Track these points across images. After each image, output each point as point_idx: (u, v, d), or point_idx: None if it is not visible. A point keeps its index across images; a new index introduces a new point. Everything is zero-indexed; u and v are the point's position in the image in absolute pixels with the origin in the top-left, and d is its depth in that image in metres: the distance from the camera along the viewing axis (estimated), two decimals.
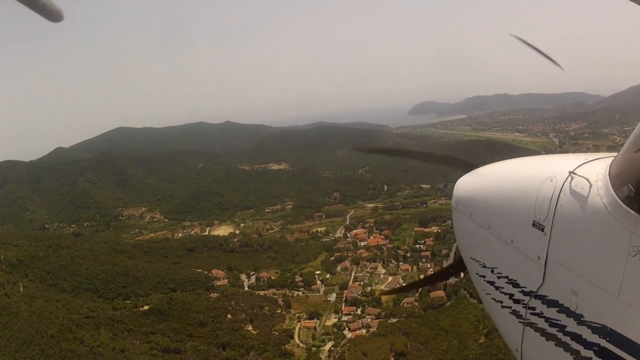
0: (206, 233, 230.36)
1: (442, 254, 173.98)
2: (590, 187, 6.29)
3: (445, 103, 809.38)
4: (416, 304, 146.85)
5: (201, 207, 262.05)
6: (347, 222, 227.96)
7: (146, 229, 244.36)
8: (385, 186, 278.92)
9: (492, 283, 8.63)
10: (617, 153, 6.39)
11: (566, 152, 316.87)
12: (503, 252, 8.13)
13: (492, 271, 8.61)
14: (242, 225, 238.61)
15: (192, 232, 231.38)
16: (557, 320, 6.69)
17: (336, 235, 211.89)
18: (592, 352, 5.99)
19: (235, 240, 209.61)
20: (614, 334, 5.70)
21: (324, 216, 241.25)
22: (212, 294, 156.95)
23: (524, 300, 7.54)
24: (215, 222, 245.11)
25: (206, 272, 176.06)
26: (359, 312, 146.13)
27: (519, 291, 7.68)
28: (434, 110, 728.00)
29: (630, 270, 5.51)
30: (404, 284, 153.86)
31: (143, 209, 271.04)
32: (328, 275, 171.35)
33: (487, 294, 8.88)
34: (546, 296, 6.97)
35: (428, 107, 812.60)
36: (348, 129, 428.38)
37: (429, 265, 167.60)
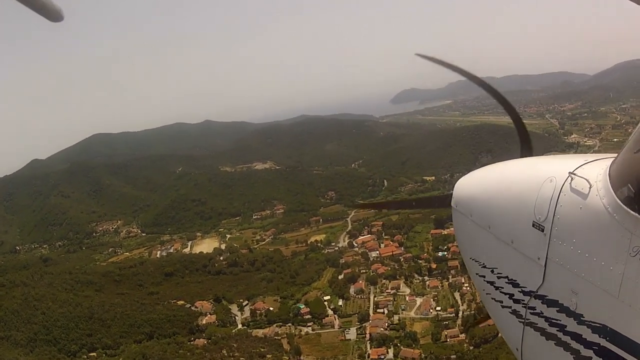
0: (188, 249, 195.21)
1: None
2: (590, 188, 6.06)
3: (427, 89, 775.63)
4: (463, 337, 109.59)
5: (181, 217, 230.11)
6: (350, 227, 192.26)
7: (121, 246, 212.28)
8: (385, 181, 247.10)
9: (492, 283, 8.22)
10: (617, 154, 6.14)
11: (569, 132, 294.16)
12: (503, 253, 7.73)
13: (492, 271, 8.19)
14: (228, 237, 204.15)
15: (172, 249, 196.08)
16: (557, 320, 6.48)
17: (340, 245, 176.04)
18: (592, 351, 5.84)
19: (222, 258, 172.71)
20: (614, 333, 5.56)
21: (321, 221, 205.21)
22: (197, 340, 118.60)
23: (524, 300, 7.25)
24: (198, 234, 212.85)
25: (189, 306, 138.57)
26: (391, 354, 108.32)
27: (519, 291, 7.39)
28: (417, 98, 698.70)
29: (630, 270, 5.36)
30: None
31: (118, 222, 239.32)
32: (340, 302, 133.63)
33: (487, 294, 8.47)
34: (546, 296, 6.73)
35: (410, 94, 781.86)
36: (333, 120, 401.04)
37: (462, 280, 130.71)
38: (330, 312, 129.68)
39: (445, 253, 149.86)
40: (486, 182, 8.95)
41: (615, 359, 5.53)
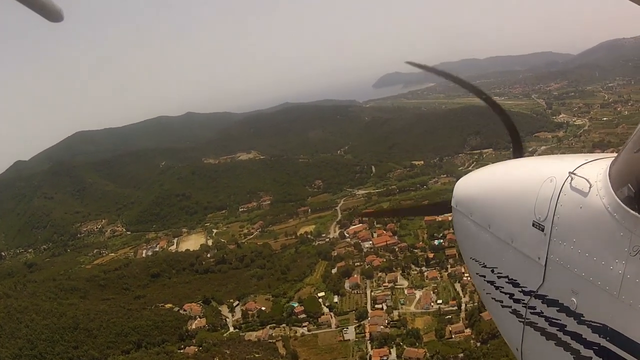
0: (174, 247, 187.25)
1: None
2: (590, 188, 6.09)
3: (410, 73, 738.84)
4: (468, 332, 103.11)
5: (166, 213, 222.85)
6: (340, 217, 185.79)
7: (106, 247, 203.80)
8: (373, 167, 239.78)
9: (492, 283, 8.23)
10: (617, 153, 6.25)
11: (557, 112, 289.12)
12: (503, 252, 7.78)
13: (492, 271, 8.22)
14: (214, 231, 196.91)
15: (158, 247, 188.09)
16: (557, 319, 6.48)
17: (331, 236, 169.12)
18: (592, 351, 5.84)
19: (209, 255, 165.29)
20: (614, 333, 5.56)
21: (309, 211, 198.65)
22: (187, 347, 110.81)
23: (524, 300, 7.26)
24: (184, 230, 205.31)
25: (177, 309, 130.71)
26: (394, 355, 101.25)
27: (519, 291, 7.40)
28: (400, 81, 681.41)
29: (630, 270, 5.38)
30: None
31: (103, 221, 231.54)
32: (336, 299, 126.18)
33: (487, 293, 8.47)
34: (546, 296, 6.73)
35: (393, 78, 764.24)
36: (316, 107, 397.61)
37: (462, 270, 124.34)
38: (325, 309, 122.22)
39: (442, 241, 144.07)
40: (486, 182, 8.95)
41: (615, 359, 5.46)
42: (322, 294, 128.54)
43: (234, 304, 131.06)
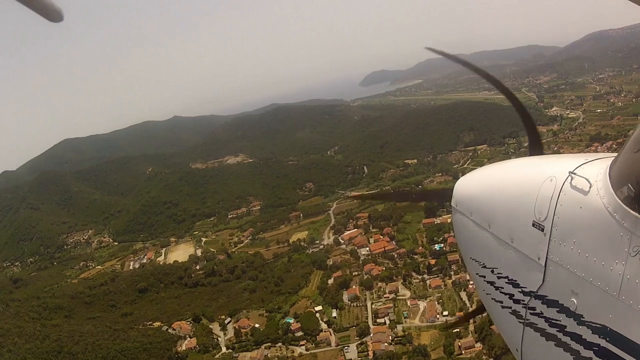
0: (162, 258, 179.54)
1: None
2: (590, 187, 6.05)
3: (397, 70, 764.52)
4: (479, 347, 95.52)
5: (153, 222, 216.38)
6: (333, 221, 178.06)
7: (93, 259, 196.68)
8: (365, 167, 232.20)
9: (492, 283, 8.12)
10: (617, 153, 6.19)
11: (549, 105, 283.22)
12: (503, 253, 7.67)
13: (492, 271, 8.10)
14: (203, 240, 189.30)
15: (145, 259, 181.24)
16: (557, 320, 6.43)
17: (325, 242, 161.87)
18: (592, 352, 5.78)
19: (198, 267, 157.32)
20: (614, 334, 5.51)
21: (301, 216, 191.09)
22: None
23: (524, 301, 7.17)
24: (172, 239, 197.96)
25: (166, 328, 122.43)
26: None
27: (519, 291, 7.31)
28: (387, 79, 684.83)
29: (630, 270, 5.34)
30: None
31: (90, 232, 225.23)
32: (334, 313, 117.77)
33: (487, 294, 8.37)
34: (546, 296, 6.67)
35: (379, 76, 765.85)
36: (304, 107, 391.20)
37: (467, 277, 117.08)
38: (324, 325, 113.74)
39: (442, 245, 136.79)
40: (486, 181, 8.83)
41: (615, 359, 5.42)
42: (319, 307, 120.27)
43: (226, 321, 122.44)
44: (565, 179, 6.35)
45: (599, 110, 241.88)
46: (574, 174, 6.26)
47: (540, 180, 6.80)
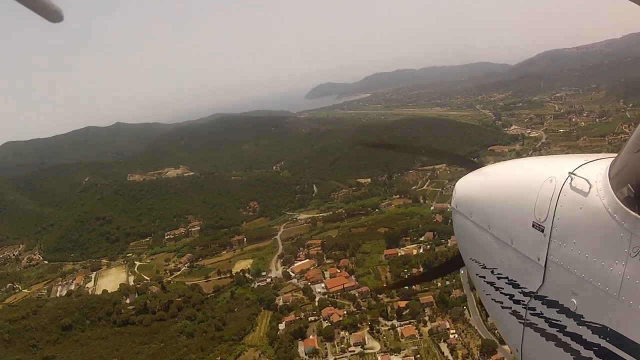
0: (91, 284, 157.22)
1: (457, 298, 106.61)
2: (590, 188, 6.04)
3: (344, 83, 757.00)
4: None
5: (85, 240, 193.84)
6: (281, 249, 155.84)
7: (21, 280, 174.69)
8: (315, 186, 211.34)
9: (492, 284, 8.11)
10: (617, 154, 6.17)
11: (508, 123, 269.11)
12: (503, 253, 7.63)
13: (492, 272, 8.07)
14: (137, 264, 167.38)
15: (73, 285, 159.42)
16: (557, 320, 6.41)
17: (272, 275, 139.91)
18: (592, 352, 5.79)
19: (129, 302, 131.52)
20: (614, 334, 5.52)
21: (245, 240, 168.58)
22: None
23: (524, 301, 7.14)
24: (104, 261, 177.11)
25: None
26: None
27: (519, 292, 7.28)
28: (334, 92, 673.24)
29: (630, 270, 5.34)
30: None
31: (21, 246, 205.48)
32: None
33: (487, 294, 8.34)
34: (546, 297, 6.65)
35: (326, 89, 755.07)
36: (250, 118, 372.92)
37: (446, 324, 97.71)
38: None
39: (411, 283, 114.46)
40: (486, 182, 8.79)
41: (615, 359, 5.43)
42: None
43: None
44: (565, 180, 6.26)
45: (561, 130, 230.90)
46: (574, 174, 6.18)
47: (540, 181, 6.68)
